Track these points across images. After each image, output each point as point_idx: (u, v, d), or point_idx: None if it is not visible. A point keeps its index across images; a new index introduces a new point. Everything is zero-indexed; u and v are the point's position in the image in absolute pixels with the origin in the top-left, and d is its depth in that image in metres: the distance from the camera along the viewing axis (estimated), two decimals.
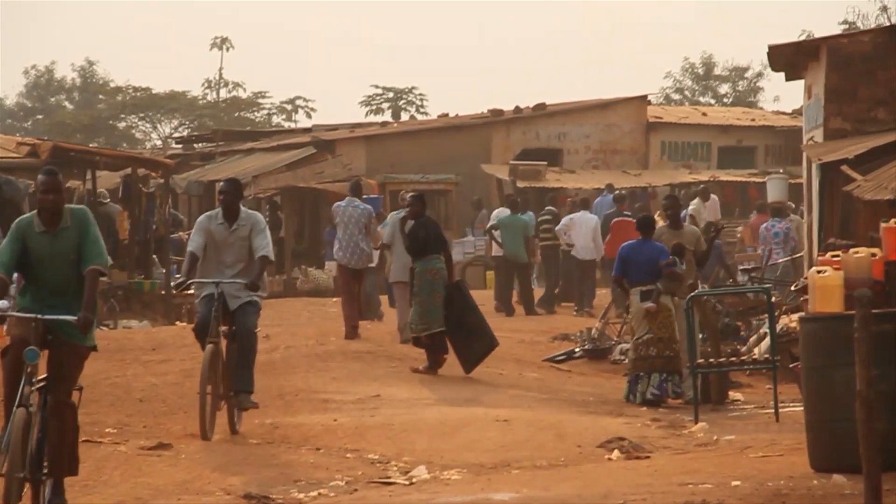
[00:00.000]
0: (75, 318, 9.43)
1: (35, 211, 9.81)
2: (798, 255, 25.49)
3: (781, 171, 36.79)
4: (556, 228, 26.41)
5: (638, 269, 16.55)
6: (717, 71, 73.62)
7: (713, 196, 30.35)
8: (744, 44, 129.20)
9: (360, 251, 20.24)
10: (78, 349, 9.65)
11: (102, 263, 9.64)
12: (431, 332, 17.46)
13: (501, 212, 26.86)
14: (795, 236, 26.14)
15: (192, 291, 14.55)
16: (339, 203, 20.85)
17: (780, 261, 25.63)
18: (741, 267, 24.04)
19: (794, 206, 29.70)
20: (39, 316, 9.48)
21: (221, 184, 13.70)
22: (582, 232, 25.99)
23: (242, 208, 13.38)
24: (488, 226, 26.54)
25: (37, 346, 9.36)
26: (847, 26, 49.49)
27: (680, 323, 16.42)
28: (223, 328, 13.14)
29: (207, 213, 13.82)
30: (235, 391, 13.11)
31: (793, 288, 20.83)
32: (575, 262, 26.45)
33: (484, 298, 28.32)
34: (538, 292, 27.38)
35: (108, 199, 27.98)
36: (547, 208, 28.22)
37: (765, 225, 26.94)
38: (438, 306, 17.47)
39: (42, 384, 9.52)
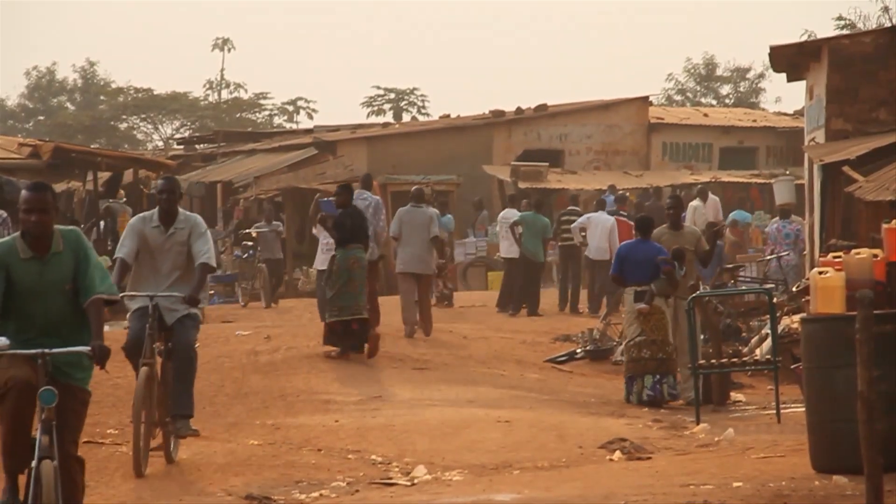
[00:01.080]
0: (88, 348, 8.11)
1: (17, 233, 8.32)
2: (784, 253, 25.60)
3: (787, 172, 36.80)
4: (572, 227, 26.39)
5: (635, 269, 16.58)
6: (718, 72, 73.58)
7: (713, 196, 30.43)
8: (745, 45, 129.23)
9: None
10: (80, 393, 8.29)
11: (111, 292, 8.32)
12: (342, 318, 17.75)
13: (509, 212, 26.94)
14: (805, 237, 26.27)
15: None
16: None
17: (768, 257, 25.72)
18: (725, 266, 24.10)
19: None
20: (47, 350, 8.03)
21: (158, 182, 12.33)
22: (597, 232, 25.95)
23: (181, 210, 12.04)
24: (510, 224, 26.56)
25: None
26: (843, 23, 49.46)
27: (681, 324, 16.44)
28: (158, 345, 11.72)
29: (141, 214, 12.40)
30: (173, 416, 11.76)
31: (794, 289, 20.85)
32: (587, 261, 26.43)
33: (485, 298, 28.40)
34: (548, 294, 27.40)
35: (124, 199, 28.08)
36: (570, 208, 28.23)
37: (776, 225, 26.99)
38: (355, 294, 17.78)
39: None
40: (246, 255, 29.26)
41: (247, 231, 30.63)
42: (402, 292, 20.72)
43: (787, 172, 36.06)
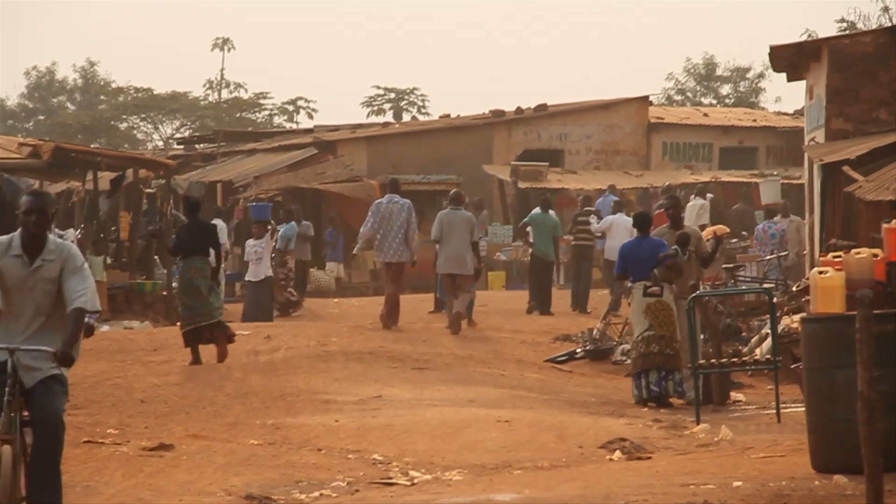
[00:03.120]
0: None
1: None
2: (784, 253, 25.64)
3: (775, 172, 36.88)
4: (595, 227, 26.55)
5: (639, 266, 16.61)
6: (718, 72, 73.53)
7: (710, 196, 30.55)
8: (746, 44, 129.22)
9: (398, 245, 21.12)
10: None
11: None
12: (197, 325, 17.92)
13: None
14: (794, 237, 26.30)
15: None
16: (379, 200, 21.97)
17: (767, 258, 25.75)
18: (724, 266, 24.13)
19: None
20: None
21: (24, 199, 8.96)
22: (620, 234, 26.00)
23: (51, 237, 8.85)
24: (520, 224, 26.82)
25: None
26: (845, 24, 49.45)
27: (682, 323, 16.43)
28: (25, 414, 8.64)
29: None
30: None
31: (794, 289, 20.84)
32: (606, 263, 26.46)
33: (485, 298, 28.38)
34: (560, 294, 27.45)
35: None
36: (586, 209, 28.27)
37: (762, 226, 27.08)
38: (204, 300, 17.99)
39: None
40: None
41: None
42: (444, 290, 21.63)
43: (776, 173, 36.17)
